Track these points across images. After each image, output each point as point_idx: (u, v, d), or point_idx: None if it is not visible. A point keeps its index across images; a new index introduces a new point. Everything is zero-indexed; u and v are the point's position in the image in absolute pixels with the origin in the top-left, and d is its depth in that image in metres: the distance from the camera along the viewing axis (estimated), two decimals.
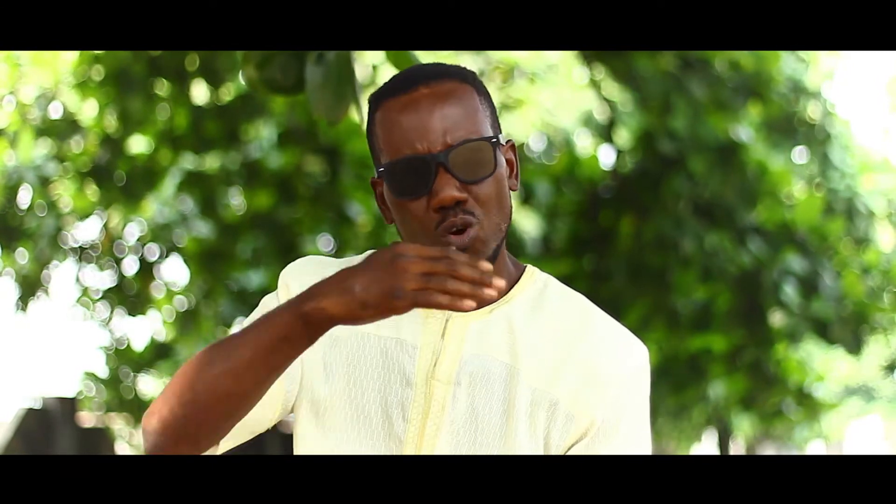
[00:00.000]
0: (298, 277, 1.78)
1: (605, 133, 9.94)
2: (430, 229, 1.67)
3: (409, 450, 1.69)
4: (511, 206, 1.73)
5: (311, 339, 1.57)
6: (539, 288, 1.78)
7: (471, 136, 1.67)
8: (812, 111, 11.16)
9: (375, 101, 1.73)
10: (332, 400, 1.73)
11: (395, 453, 1.69)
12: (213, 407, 1.60)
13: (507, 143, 1.75)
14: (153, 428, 1.63)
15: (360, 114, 2.79)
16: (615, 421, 1.71)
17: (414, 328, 1.74)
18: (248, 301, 9.01)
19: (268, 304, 1.80)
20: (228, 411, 1.61)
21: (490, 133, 1.70)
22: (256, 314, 1.79)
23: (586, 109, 10.26)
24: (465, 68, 1.75)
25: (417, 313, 1.74)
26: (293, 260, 1.82)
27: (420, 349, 1.73)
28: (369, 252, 1.82)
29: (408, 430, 1.70)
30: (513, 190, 1.74)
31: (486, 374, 1.72)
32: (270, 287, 8.70)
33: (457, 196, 1.65)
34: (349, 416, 1.72)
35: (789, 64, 10.27)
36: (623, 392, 1.72)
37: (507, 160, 1.74)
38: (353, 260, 1.80)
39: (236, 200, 8.57)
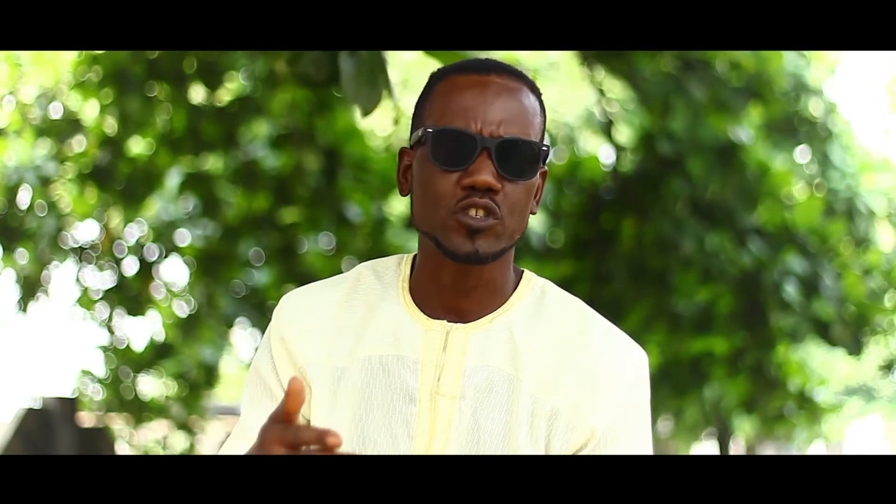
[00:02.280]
0: (288, 324, 1.78)
1: (605, 129, 9.94)
2: (450, 203, 1.67)
3: None
4: (527, 223, 1.74)
5: None
6: (537, 294, 1.77)
7: (523, 136, 1.68)
8: (814, 108, 11.14)
9: (442, 73, 1.74)
10: (340, 424, 1.72)
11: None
12: None
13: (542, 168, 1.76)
14: None
15: (393, 102, 2.84)
16: (615, 431, 1.70)
17: (414, 343, 1.73)
18: (249, 301, 9.01)
19: (260, 367, 1.80)
20: None
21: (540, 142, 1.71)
22: (252, 382, 1.80)
23: (587, 107, 10.27)
24: (534, 82, 1.77)
25: (417, 327, 1.74)
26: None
27: (422, 364, 1.72)
28: (364, 264, 1.82)
29: (414, 447, 1.70)
30: (532, 213, 1.75)
31: (489, 385, 1.71)
32: (272, 288, 8.70)
33: (491, 182, 1.66)
34: (354, 439, 1.72)
35: (791, 60, 10.26)
36: (622, 401, 1.71)
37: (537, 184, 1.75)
38: (336, 280, 1.80)
39: (234, 201, 8.57)
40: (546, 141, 1.73)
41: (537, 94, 1.75)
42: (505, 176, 1.67)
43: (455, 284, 1.73)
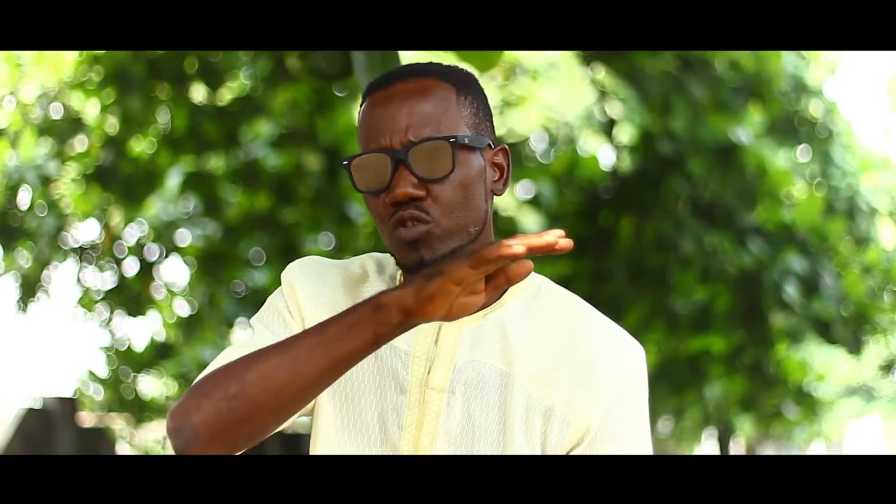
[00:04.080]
0: (301, 277, 1.77)
1: (606, 129, 9.95)
2: (386, 223, 1.66)
3: None
4: (488, 210, 1.70)
5: (377, 330, 1.50)
6: (533, 291, 1.76)
7: (435, 134, 1.66)
8: (814, 109, 11.15)
9: (363, 97, 1.74)
10: (331, 405, 1.73)
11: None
12: (264, 401, 1.55)
13: (496, 146, 1.72)
14: (189, 425, 1.56)
15: None
16: (612, 426, 1.69)
17: (407, 334, 1.71)
18: (250, 301, 9.01)
19: (275, 301, 1.79)
20: (279, 406, 1.56)
21: (462, 133, 1.67)
22: (265, 311, 1.79)
23: (588, 106, 10.26)
24: (452, 68, 1.73)
25: None
26: (294, 260, 1.82)
27: (412, 356, 1.71)
28: (369, 255, 1.83)
29: (403, 437, 1.69)
30: (496, 194, 1.72)
31: (480, 381, 1.70)
32: (272, 286, 8.70)
33: (411, 192, 1.64)
34: (346, 420, 1.72)
35: (790, 61, 10.27)
36: (619, 396, 1.70)
37: (495, 164, 1.72)
38: (344, 263, 1.80)
39: (235, 201, 8.58)
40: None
41: (455, 82, 1.70)
42: (424, 179, 1.65)
43: None
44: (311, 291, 1.76)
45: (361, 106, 1.73)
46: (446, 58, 2.73)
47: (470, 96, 1.71)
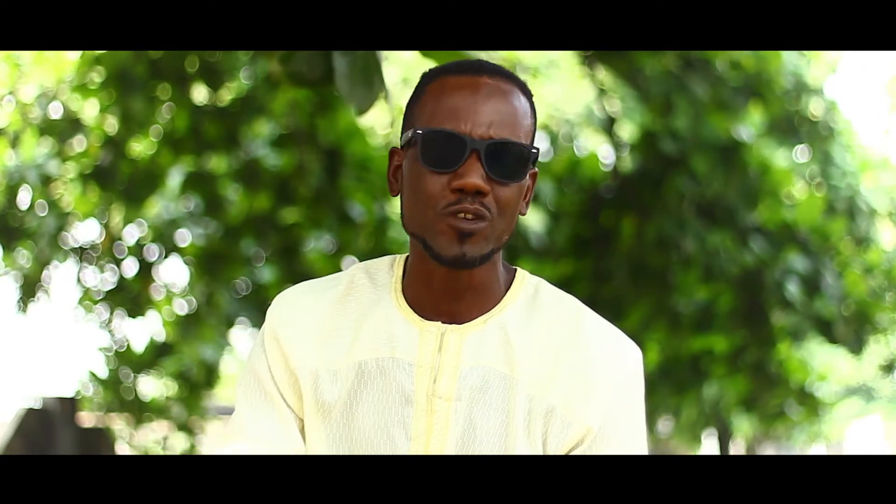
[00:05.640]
0: (286, 326, 1.76)
1: (606, 126, 9.94)
2: (439, 205, 1.66)
3: None
4: (515, 225, 1.73)
5: None
6: (531, 293, 1.77)
7: (512, 138, 1.67)
8: (814, 107, 11.14)
9: (433, 74, 1.73)
10: (336, 428, 1.72)
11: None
12: None
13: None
14: None
15: (388, 102, 2.85)
16: (611, 427, 1.70)
17: (409, 345, 1.72)
18: (250, 300, 9.01)
19: (254, 365, 1.78)
20: None
21: (532, 144, 1.71)
22: (246, 379, 1.79)
23: (588, 104, 10.27)
24: (522, 80, 1.76)
25: (412, 329, 1.73)
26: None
27: (417, 366, 1.71)
28: (357, 265, 1.81)
29: (412, 448, 1.70)
30: (521, 214, 1.74)
31: (485, 386, 1.71)
32: (274, 287, 8.70)
33: (480, 185, 1.65)
34: (351, 441, 1.72)
35: (791, 60, 10.26)
36: (617, 397, 1.71)
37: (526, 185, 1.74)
38: (331, 282, 1.79)
39: (235, 201, 8.58)
40: (536, 142, 1.72)
41: (528, 95, 1.73)
42: (494, 178, 1.66)
43: (446, 288, 1.72)
44: (295, 335, 1.75)
45: (429, 83, 1.72)
46: (443, 57, 2.73)
47: (535, 114, 1.75)
